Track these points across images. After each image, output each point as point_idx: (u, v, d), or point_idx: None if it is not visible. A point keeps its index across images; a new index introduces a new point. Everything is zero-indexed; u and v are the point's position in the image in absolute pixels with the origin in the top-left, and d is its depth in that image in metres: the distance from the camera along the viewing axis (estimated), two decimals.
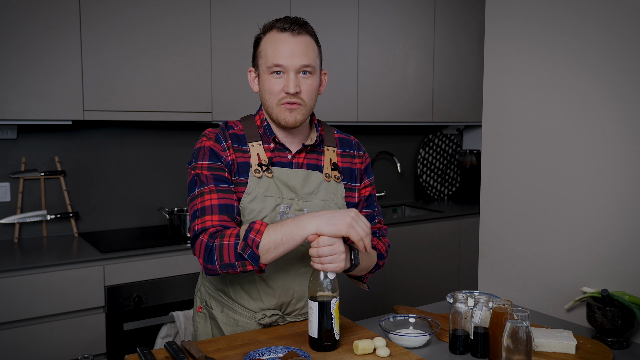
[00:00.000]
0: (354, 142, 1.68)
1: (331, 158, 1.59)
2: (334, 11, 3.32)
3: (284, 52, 1.45)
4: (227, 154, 1.50)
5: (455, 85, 3.93)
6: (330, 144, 1.61)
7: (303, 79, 1.48)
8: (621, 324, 1.56)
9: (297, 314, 1.61)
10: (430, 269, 3.65)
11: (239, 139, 1.54)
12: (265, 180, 1.50)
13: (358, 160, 1.65)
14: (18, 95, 2.44)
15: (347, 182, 1.61)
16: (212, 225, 1.43)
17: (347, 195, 1.59)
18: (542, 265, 1.94)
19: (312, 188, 1.54)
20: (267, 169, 1.51)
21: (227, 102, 2.93)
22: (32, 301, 2.29)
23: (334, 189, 1.57)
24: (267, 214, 1.49)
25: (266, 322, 1.56)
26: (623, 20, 1.70)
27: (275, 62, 1.46)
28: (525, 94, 2.00)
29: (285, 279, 1.54)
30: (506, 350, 1.27)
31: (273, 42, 1.47)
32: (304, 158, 1.57)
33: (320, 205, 1.54)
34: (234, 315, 1.58)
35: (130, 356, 1.39)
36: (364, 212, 1.65)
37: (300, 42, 1.47)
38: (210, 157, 1.50)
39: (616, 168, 1.73)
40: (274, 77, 1.47)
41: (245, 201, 1.49)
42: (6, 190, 2.73)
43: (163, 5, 2.74)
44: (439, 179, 4.32)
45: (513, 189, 2.05)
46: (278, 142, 1.55)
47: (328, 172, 1.57)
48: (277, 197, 1.50)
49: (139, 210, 3.09)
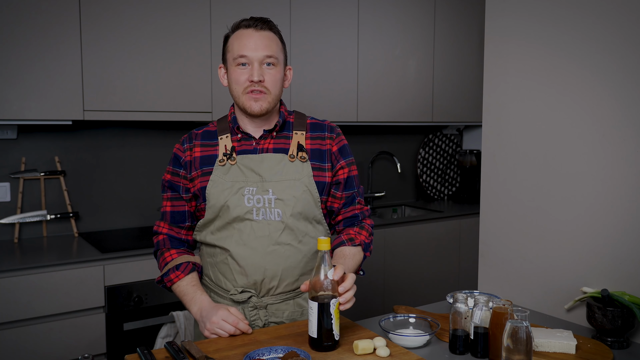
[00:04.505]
0: (327, 126, 1.73)
1: (299, 141, 1.67)
2: (334, 11, 3.32)
3: (249, 45, 1.58)
4: (187, 155, 1.67)
5: (455, 85, 3.93)
6: (300, 128, 1.70)
7: (267, 69, 1.60)
8: (621, 324, 1.56)
9: (273, 294, 1.64)
10: (430, 269, 3.65)
11: (210, 135, 1.69)
12: (228, 168, 1.63)
13: (329, 141, 1.70)
14: (18, 95, 2.44)
15: (316, 162, 1.67)
16: (161, 233, 1.71)
17: (315, 175, 1.65)
18: (542, 265, 1.94)
19: (276, 169, 1.62)
20: (230, 157, 1.63)
21: (227, 102, 2.93)
22: (32, 301, 2.29)
23: (299, 168, 1.64)
24: (229, 198, 1.60)
25: (237, 298, 1.62)
26: (623, 20, 1.70)
27: (240, 53, 1.58)
28: (525, 94, 2.00)
29: (253, 258, 1.60)
30: (506, 350, 1.27)
31: (239, 37, 1.61)
32: (271, 143, 1.67)
33: (285, 184, 1.61)
34: (217, 298, 1.68)
35: (130, 356, 1.39)
36: (345, 194, 1.71)
37: (263, 36, 1.60)
38: (173, 163, 1.69)
39: (616, 168, 1.73)
40: (239, 68, 1.60)
41: (210, 187, 1.61)
42: (6, 190, 2.73)
43: (163, 5, 2.74)
44: (439, 179, 4.33)
45: (513, 189, 2.05)
46: (242, 131, 1.66)
47: (293, 153, 1.65)
48: (240, 181, 1.61)
49: (139, 210, 3.09)
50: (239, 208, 1.59)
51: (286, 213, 1.59)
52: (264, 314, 1.63)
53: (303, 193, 1.61)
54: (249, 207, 1.59)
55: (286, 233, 1.60)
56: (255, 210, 1.59)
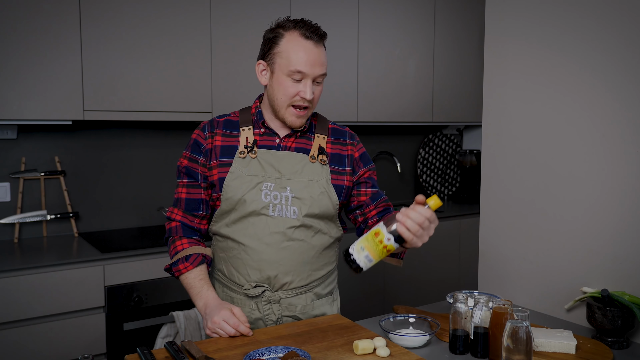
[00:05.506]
0: (347, 133, 1.75)
1: (320, 143, 1.68)
2: (334, 11, 3.32)
3: (308, 61, 1.55)
4: (209, 142, 1.66)
5: (455, 85, 3.93)
6: (322, 132, 1.71)
7: (315, 85, 1.60)
8: (621, 324, 1.56)
9: (286, 288, 1.64)
10: (430, 269, 3.65)
11: (232, 124, 1.68)
12: (248, 161, 1.62)
13: (350, 147, 1.72)
14: (18, 95, 2.44)
15: (335, 166, 1.68)
16: (175, 219, 1.68)
17: (334, 178, 1.66)
18: (542, 265, 1.94)
19: (296, 168, 1.63)
20: (252, 150, 1.63)
21: (227, 102, 2.93)
22: (32, 301, 2.29)
23: (318, 170, 1.65)
24: (247, 191, 1.59)
25: (251, 293, 1.62)
26: (623, 20, 1.70)
27: (298, 68, 1.54)
28: (525, 94, 2.00)
29: (268, 253, 1.60)
30: (506, 350, 1.27)
31: (297, 47, 1.55)
32: (293, 142, 1.67)
33: (303, 184, 1.62)
34: (230, 293, 1.68)
35: (130, 356, 1.39)
36: (371, 191, 1.71)
37: (321, 53, 1.58)
38: (192, 149, 1.68)
39: (616, 168, 1.73)
40: (291, 80, 1.57)
41: (229, 179, 1.61)
42: (6, 190, 2.73)
43: (163, 5, 2.74)
44: (439, 179, 4.32)
45: (513, 189, 2.05)
46: (267, 127, 1.66)
47: (314, 155, 1.66)
48: (259, 176, 1.61)
49: (139, 210, 3.09)
50: (256, 203, 1.59)
51: (302, 212, 1.60)
52: (277, 308, 1.64)
53: (320, 194, 1.62)
54: (266, 203, 1.59)
55: (300, 230, 1.61)
56: (272, 206, 1.59)
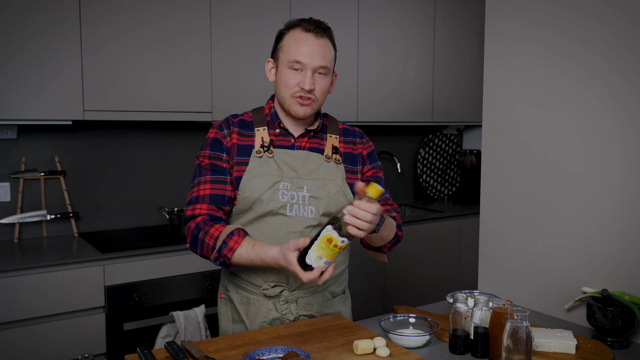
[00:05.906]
0: (357, 132, 1.78)
1: (333, 143, 1.71)
2: (334, 11, 3.32)
3: (305, 51, 1.57)
4: (228, 140, 1.64)
5: (455, 85, 3.93)
6: (334, 132, 1.73)
7: (318, 78, 1.60)
8: (621, 324, 1.56)
9: (304, 287, 1.65)
10: (430, 269, 3.65)
11: (246, 125, 1.68)
12: (265, 160, 1.62)
13: (360, 146, 1.75)
14: (18, 95, 2.44)
15: (348, 165, 1.71)
16: (200, 214, 1.59)
17: (348, 177, 1.68)
18: (542, 265, 1.94)
19: (312, 167, 1.64)
20: (268, 150, 1.63)
21: (227, 102, 2.93)
22: (32, 301, 2.29)
23: (334, 169, 1.67)
24: (265, 191, 1.59)
25: (270, 293, 1.62)
26: (623, 20, 1.70)
27: (296, 58, 1.57)
28: (525, 94, 2.00)
29: None
30: (506, 350, 1.27)
31: (296, 39, 1.59)
32: (307, 142, 1.69)
33: (320, 183, 1.63)
34: (245, 294, 1.67)
35: (130, 356, 1.39)
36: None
37: (321, 44, 1.59)
38: (212, 147, 1.65)
39: (616, 168, 1.73)
40: (291, 71, 1.59)
41: (246, 179, 1.61)
42: (6, 190, 2.73)
43: (163, 5, 2.74)
44: (439, 179, 4.32)
45: (513, 189, 2.05)
46: (283, 127, 1.67)
47: (329, 154, 1.68)
48: (276, 176, 1.61)
49: (139, 210, 3.09)
50: (273, 202, 1.59)
51: (319, 211, 1.61)
52: (294, 308, 1.65)
53: (337, 193, 1.64)
54: (283, 202, 1.60)
55: (317, 229, 1.59)
56: (289, 206, 1.60)
